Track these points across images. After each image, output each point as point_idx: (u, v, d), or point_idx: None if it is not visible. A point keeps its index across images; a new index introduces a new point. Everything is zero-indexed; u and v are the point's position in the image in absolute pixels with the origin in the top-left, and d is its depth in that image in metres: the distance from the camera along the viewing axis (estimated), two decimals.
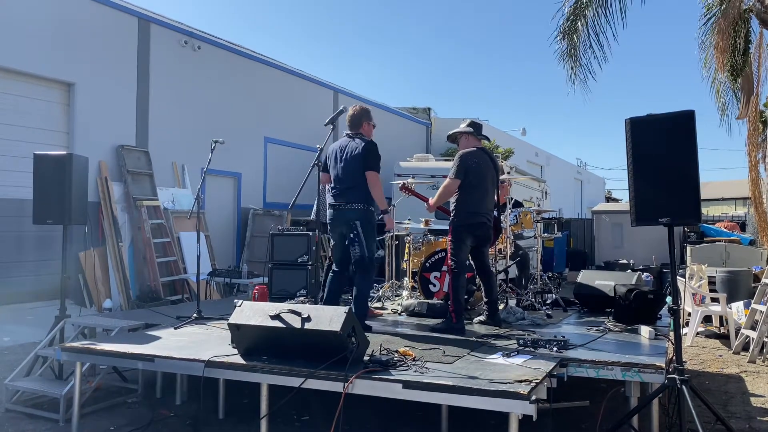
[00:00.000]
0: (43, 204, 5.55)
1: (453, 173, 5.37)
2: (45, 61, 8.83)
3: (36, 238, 8.56)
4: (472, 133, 5.59)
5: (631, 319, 5.25)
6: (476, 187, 5.36)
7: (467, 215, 5.33)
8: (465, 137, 5.62)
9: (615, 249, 15.24)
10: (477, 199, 5.37)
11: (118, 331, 5.12)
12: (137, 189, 9.87)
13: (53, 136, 9.05)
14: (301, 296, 6.46)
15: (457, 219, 5.34)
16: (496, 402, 3.21)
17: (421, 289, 6.58)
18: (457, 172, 5.34)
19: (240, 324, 3.93)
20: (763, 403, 5.26)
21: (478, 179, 5.38)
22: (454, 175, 5.36)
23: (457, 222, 5.33)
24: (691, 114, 3.85)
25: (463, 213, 5.33)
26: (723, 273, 9.09)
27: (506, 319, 5.56)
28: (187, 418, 4.70)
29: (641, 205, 3.97)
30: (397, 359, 3.83)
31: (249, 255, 12.00)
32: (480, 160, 5.43)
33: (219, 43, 11.95)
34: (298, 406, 4.70)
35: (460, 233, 5.32)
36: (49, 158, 5.63)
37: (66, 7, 9.14)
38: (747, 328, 7.24)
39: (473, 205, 5.34)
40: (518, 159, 20.20)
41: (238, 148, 11.85)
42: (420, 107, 20.39)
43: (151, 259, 9.61)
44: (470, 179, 5.33)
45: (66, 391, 4.57)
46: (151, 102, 10.39)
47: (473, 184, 5.35)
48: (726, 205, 31.12)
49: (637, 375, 3.81)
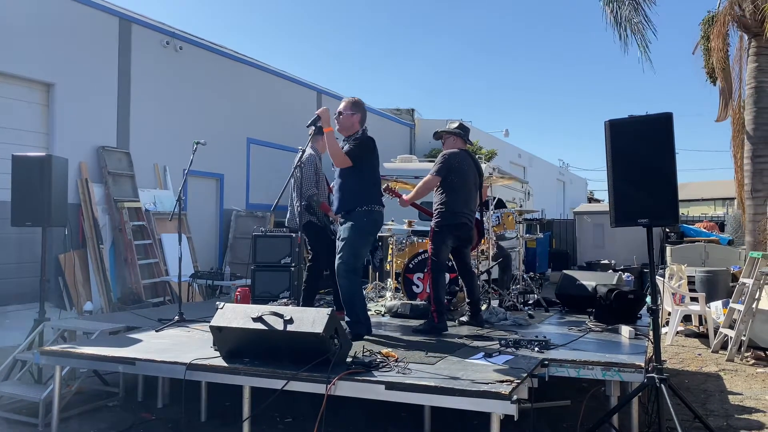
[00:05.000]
0: (22, 206, 5.47)
1: (434, 170, 5.40)
2: (24, 61, 8.72)
3: (15, 240, 8.44)
4: (461, 135, 5.63)
5: (611, 318, 5.30)
6: (459, 187, 5.39)
7: (449, 215, 5.36)
8: (453, 138, 5.66)
9: (597, 249, 15.36)
10: (459, 200, 5.39)
11: (98, 334, 5.06)
12: (118, 190, 9.78)
13: (32, 137, 8.94)
14: (284, 298, 6.44)
15: (439, 219, 5.36)
16: (477, 402, 3.23)
17: (405, 290, 6.59)
18: (438, 170, 5.38)
19: (222, 326, 3.91)
20: (740, 401, 5.34)
21: (462, 180, 5.41)
22: (435, 173, 5.38)
23: (439, 222, 5.35)
24: (669, 116, 3.91)
25: (445, 213, 5.36)
26: (702, 273, 9.21)
27: (488, 320, 5.59)
28: (169, 421, 4.66)
29: (620, 207, 4.01)
30: (379, 360, 3.84)
31: (231, 257, 11.94)
32: (463, 162, 5.47)
33: (201, 44, 11.88)
34: (282, 408, 4.69)
35: (441, 233, 5.34)
36: (28, 159, 5.57)
37: (46, 7, 9.04)
38: (725, 327, 7.35)
39: (456, 205, 5.36)
40: (501, 160, 20.29)
41: (221, 149, 11.78)
42: (404, 108, 20.44)
43: (133, 261, 9.53)
44: (453, 179, 5.36)
45: (45, 396, 4.51)
46: (133, 103, 10.30)
47: (456, 185, 5.38)
48: (706, 205, 31.56)
49: (617, 374, 3.85)
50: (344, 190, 4.93)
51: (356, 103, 5.04)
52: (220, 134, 11.79)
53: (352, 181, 4.89)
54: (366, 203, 4.86)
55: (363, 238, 4.93)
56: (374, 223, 4.96)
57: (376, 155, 5.04)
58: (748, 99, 10.49)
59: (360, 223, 4.85)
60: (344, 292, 4.87)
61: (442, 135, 5.76)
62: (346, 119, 4.99)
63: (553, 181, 31.03)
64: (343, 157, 4.80)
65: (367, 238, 4.99)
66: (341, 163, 4.83)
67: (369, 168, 4.95)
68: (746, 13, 10.36)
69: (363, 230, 4.89)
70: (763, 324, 7.05)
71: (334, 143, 4.80)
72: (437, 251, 5.30)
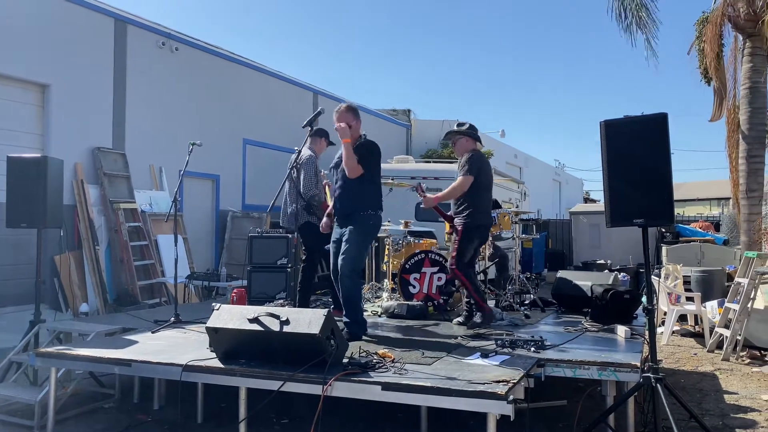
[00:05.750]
0: (17, 207, 5.45)
1: (467, 171, 5.36)
2: (19, 62, 8.69)
3: (11, 241, 8.41)
4: (473, 136, 5.64)
5: (607, 318, 5.32)
6: (487, 188, 5.49)
7: (481, 215, 5.40)
8: (465, 139, 5.64)
9: (593, 249, 15.38)
10: (487, 200, 5.51)
11: (94, 335, 5.05)
12: (114, 191, 9.76)
13: (28, 138, 8.90)
14: (281, 299, 6.44)
15: (470, 219, 5.36)
16: (474, 402, 3.24)
17: (401, 290, 6.59)
18: (470, 169, 5.36)
19: (218, 327, 3.91)
20: (736, 400, 5.36)
21: (488, 180, 5.50)
22: (468, 173, 5.35)
23: (471, 222, 5.36)
24: (665, 116, 3.92)
25: (475, 213, 5.36)
26: (698, 272, 9.24)
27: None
28: (165, 423, 4.66)
29: (616, 207, 4.02)
30: (376, 361, 3.84)
31: (228, 258, 11.91)
32: (486, 162, 5.57)
33: (197, 45, 11.86)
34: (278, 410, 4.69)
35: (471, 233, 5.37)
36: (24, 161, 5.55)
37: (41, 8, 9.01)
38: (721, 327, 7.37)
39: (486, 205, 5.47)
40: (497, 161, 20.28)
41: (217, 149, 11.76)
42: (400, 109, 20.44)
43: (129, 263, 9.51)
44: (482, 179, 5.42)
45: (41, 397, 4.49)
46: (128, 103, 10.28)
47: (485, 185, 5.44)
48: (701, 205, 31.63)
49: (613, 374, 3.86)
50: (347, 193, 4.96)
51: (353, 109, 5.10)
52: (215, 135, 11.77)
53: (355, 183, 4.91)
54: (368, 208, 4.94)
55: (367, 242, 5.11)
56: (375, 228, 5.09)
57: (380, 160, 5.12)
58: (743, 99, 10.53)
59: (365, 226, 4.95)
60: (346, 293, 4.88)
61: (453, 136, 5.74)
62: (355, 130, 5.01)
63: (549, 181, 31.05)
64: (358, 168, 4.86)
65: (369, 242, 5.17)
66: (355, 174, 4.87)
67: (371, 172, 5.00)
68: (741, 14, 10.39)
69: (367, 234, 5.03)
70: (758, 323, 7.08)
71: (351, 154, 4.85)
72: (464, 251, 5.33)
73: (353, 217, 4.92)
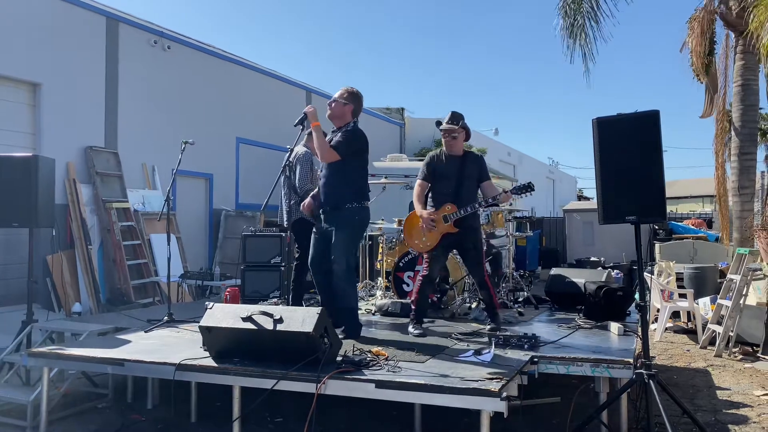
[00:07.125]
0: (8, 207, 5.42)
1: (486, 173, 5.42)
2: (10, 60, 8.63)
3: (2, 241, 8.37)
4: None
5: (600, 315, 5.33)
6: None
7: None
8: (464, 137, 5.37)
9: (586, 247, 15.43)
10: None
11: (87, 335, 5.03)
12: (106, 191, 9.72)
13: (19, 138, 8.85)
14: (274, 298, 6.43)
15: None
16: (467, 400, 3.25)
17: (395, 288, 6.59)
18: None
19: (211, 326, 3.90)
20: (728, 396, 5.39)
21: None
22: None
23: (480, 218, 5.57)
24: (657, 114, 3.93)
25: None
26: (690, 269, 9.27)
27: (478, 318, 5.61)
28: (159, 422, 4.65)
29: (608, 204, 4.04)
30: (370, 359, 3.84)
31: (221, 257, 11.89)
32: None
33: (189, 43, 11.81)
34: (272, 408, 4.68)
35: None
36: (14, 160, 5.52)
37: (32, 6, 8.96)
38: (713, 323, 7.41)
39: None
40: (491, 158, 20.31)
41: (210, 148, 11.72)
42: (393, 107, 20.43)
43: (121, 262, 9.47)
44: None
45: (33, 398, 4.48)
46: (120, 102, 10.23)
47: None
48: (694, 202, 31.75)
49: (606, 371, 3.88)
50: (331, 185, 4.76)
51: (352, 94, 4.87)
52: (208, 134, 11.73)
53: (340, 175, 4.72)
54: (354, 200, 4.72)
55: (357, 238, 4.92)
56: (364, 221, 4.88)
57: (366, 149, 4.86)
58: (735, 97, 10.58)
59: (352, 222, 4.75)
60: (340, 296, 4.76)
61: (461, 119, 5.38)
62: (337, 107, 4.81)
63: (542, 179, 31.09)
64: (330, 151, 4.66)
65: (359, 237, 4.97)
66: (328, 157, 4.67)
67: (357, 162, 4.78)
68: (732, 11, 10.43)
69: (355, 229, 4.82)
70: (750, 319, 7.12)
71: (321, 137, 4.67)
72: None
73: (338, 214, 4.71)
